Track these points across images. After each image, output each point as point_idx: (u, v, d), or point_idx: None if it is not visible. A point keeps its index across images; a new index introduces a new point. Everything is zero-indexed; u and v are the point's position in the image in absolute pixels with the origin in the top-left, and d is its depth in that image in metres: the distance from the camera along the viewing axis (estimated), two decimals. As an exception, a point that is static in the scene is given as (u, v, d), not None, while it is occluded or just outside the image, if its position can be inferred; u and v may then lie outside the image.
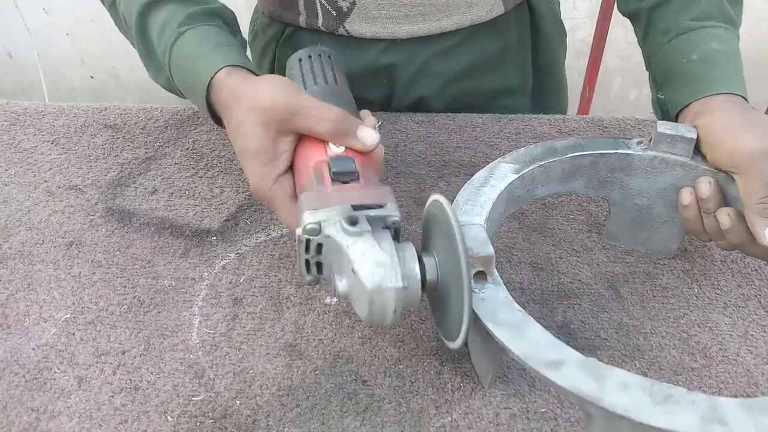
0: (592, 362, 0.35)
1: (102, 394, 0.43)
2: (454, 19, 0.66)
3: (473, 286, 0.38)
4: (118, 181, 0.60)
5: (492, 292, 0.39)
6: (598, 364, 0.35)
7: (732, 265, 0.53)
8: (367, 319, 0.37)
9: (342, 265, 0.38)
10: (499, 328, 0.37)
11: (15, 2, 1.76)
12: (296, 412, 0.42)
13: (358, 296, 0.37)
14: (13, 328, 0.47)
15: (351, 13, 0.65)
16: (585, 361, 0.35)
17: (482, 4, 0.66)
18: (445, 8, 0.65)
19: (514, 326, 0.37)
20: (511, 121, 0.68)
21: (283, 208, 0.45)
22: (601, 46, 1.52)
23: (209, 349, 0.46)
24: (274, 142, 0.45)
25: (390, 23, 0.66)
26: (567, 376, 0.34)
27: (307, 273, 0.40)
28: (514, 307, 0.38)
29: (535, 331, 0.37)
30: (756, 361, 0.46)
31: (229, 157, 0.63)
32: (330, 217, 0.38)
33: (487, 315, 0.38)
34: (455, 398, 0.43)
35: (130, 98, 1.98)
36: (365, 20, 0.66)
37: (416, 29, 0.66)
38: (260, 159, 0.45)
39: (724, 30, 0.53)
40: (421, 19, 0.66)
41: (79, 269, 0.52)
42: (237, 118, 0.46)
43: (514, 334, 0.37)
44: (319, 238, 0.38)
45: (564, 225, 0.57)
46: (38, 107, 0.69)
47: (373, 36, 0.67)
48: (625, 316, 0.49)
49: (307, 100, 0.45)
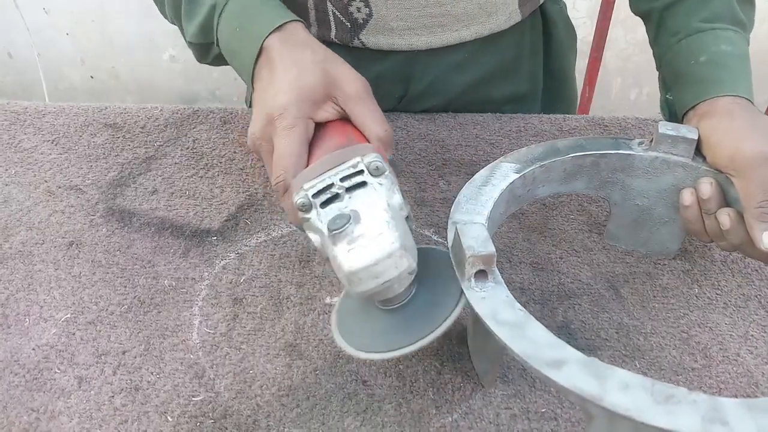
0: (593, 362, 0.35)
1: (102, 394, 0.43)
2: (473, 28, 0.65)
3: (473, 285, 0.39)
4: (119, 181, 0.60)
5: (493, 291, 0.39)
6: (600, 364, 0.35)
7: (732, 266, 0.53)
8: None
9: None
10: (499, 327, 0.37)
11: (15, 2, 1.76)
12: (296, 413, 0.42)
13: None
14: (13, 328, 0.47)
15: (367, 24, 0.64)
16: (586, 360, 0.35)
17: (501, 12, 0.65)
18: (465, 18, 0.64)
19: (515, 325, 0.37)
20: (511, 120, 0.68)
21: (294, 151, 0.43)
22: (601, 46, 1.52)
23: (209, 349, 0.46)
24: (324, 94, 0.44)
25: (408, 34, 0.64)
26: (568, 376, 0.34)
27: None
28: (516, 307, 0.38)
29: (536, 331, 0.37)
30: (756, 361, 0.46)
31: (229, 157, 0.63)
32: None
33: (488, 314, 0.38)
34: (455, 398, 0.43)
35: (130, 98, 1.98)
36: (382, 32, 0.64)
37: (435, 40, 0.65)
38: (304, 91, 0.43)
39: (734, 33, 0.53)
40: (440, 29, 0.64)
41: (79, 269, 0.51)
42: (305, 54, 0.45)
43: (515, 333, 0.37)
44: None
45: (564, 225, 0.57)
46: (38, 107, 0.69)
47: (390, 48, 0.65)
48: (626, 316, 0.49)
49: (373, 99, 0.45)
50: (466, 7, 0.63)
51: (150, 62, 1.93)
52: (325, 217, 0.38)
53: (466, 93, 0.70)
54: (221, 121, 0.67)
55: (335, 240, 0.37)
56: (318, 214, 0.38)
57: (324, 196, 0.39)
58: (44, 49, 1.88)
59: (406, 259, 0.36)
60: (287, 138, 0.42)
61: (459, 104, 0.70)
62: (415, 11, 0.63)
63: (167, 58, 1.92)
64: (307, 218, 0.39)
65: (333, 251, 0.37)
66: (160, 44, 1.90)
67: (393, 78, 0.68)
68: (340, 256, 0.36)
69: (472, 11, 0.64)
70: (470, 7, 0.63)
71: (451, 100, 0.70)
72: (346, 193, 0.38)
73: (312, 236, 0.39)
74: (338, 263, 0.36)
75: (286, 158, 0.42)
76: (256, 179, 0.60)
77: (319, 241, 0.39)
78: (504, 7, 0.65)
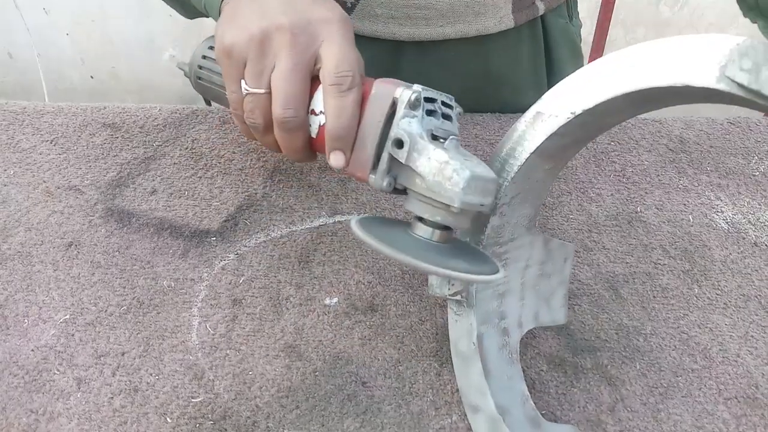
0: (498, 422, 0.38)
1: (101, 395, 0.43)
2: (458, 27, 0.65)
3: (452, 306, 0.42)
4: (117, 182, 0.60)
5: (465, 316, 0.42)
6: (503, 427, 0.38)
7: (732, 266, 0.53)
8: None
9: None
10: (456, 357, 0.42)
11: (15, 2, 1.76)
12: (296, 414, 0.42)
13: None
14: (12, 329, 0.47)
15: (354, 9, 0.64)
16: (495, 418, 0.39)
17: (490, 15, 0.65)
18: (450, 14, 0.64)
19: (465, 359, 0.41)
20: (511, 119, 0.68)
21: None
22: (601, 46, 1.52)
23: (209, 351, 0.46)
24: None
25: (391, 23, 0.65)
26: (477, 422, 0.39)
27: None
28: (471, 340, 0.41)
29: (474, 373, 0.40)
30: (756, 362, 0.46)
31: (228, 157, 0.63)
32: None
33: (453, 340, 0.43)
34: (455, 400, 0.43)
35: (129, 98, 1.98)
36: (367, 17, 0.65)
37: (418, 32, 0.65)
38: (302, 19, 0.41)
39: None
40: (423, 23, 0.65)
41: (78, 270, 0.51)
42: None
43: (461, 364, 0.42)
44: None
45: (564, 225, 0.57)
46: (36, 107, 0.69)
47: (373, 34, 0.65)
48: (625, 316, 0.49)
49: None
50: (453, 4, 0.63)
51: (150, 62, 1.93)
52: (426, 124, 0.38)
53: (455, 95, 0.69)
54: (220, 121, 0.67)
55: (447, 148, 0.37)
56: (422, 117, 0.38)
57: (429, 106, 0.39)
58: (44, 49, 1.88)
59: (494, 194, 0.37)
60: (340, 43, 0.41)
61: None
62: (400, 0, 0.63)
63: (167, 58, 1.92)
64: (413, 115, 0.38)
65: (446, 155, 0.36)
66: (160, 44, 1.90)
67: (379, 68, 0.68)
68: (459, 163, 0.35)
69: (458, 9, 0.64)
70: (456, 4, 0.63)
71: None
72: (441, 116, 0.39)
73: (406, 136, 0.37)
74: (457, 167, 0.35)
75: (298, 96, 0.41)
76: (255, 180, 0.60)
77: (411, 145, 0.37)
78: (494, 9, 0.65)
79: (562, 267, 0.46)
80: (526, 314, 0.44)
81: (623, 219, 0.57)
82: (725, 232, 0.56)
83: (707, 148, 0.65)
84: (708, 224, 0.57)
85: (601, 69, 0.36)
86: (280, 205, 0.57)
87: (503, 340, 0.42)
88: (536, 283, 0.44)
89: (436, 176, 0.36)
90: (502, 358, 0.41)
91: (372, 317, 0.48)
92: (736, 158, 0.63)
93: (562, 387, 0.44)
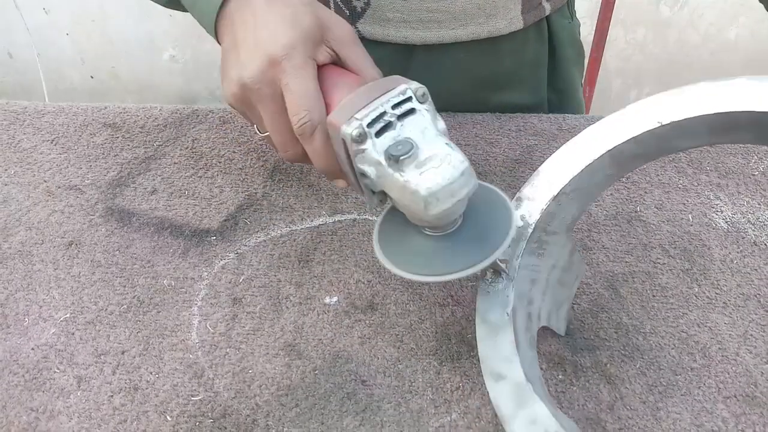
0: (527, 389, 0.37)
1: (101, 393, 0.43)
2: (470, 29, 0.64)
3: (488, 277, 0.41)
4: (118, 181, 0.60)
5: (502, 289, 0.41)
6: (529, 393, 0.37)
7: (731, 265, 0.53)
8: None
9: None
10: (481, 324, 0.40)
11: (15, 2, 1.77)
12: (295, 412, 0.42)
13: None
14: (12, 328, 0.47)
15: (365, 13, 0.64)
16: (522, 384, 0.37)
17: (501, 16, 0.65)
18: (462, 17, 0.64)
19: (495, 328, 0.40)
20: (511, 119, 0.68)
21: (309, 87, 0.41)
22: (601, 46, 1.52)
23: (208, 349, 0.46)
24: (320, 37, 0.43)
25: (404, 27, 0.64)
26: (499, 391, 0.38)
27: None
28: (506, 309, 0.40)
29: (504, 342, 0.39)
30: (755, 360, 0.46)
31: (228, 157, 0.63)
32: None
33: (481, 310, 0.40)
34: (454, 398, 0.43)
35: (130, 98, 1.99)
36: (378, 22, 0.64)
37: (430, 36, 0.64)
38: (305, 31, 0.42)
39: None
40: (435, 26, 0.64)
41: (78, 269, 0.52)
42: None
43: (489, 333, 0.40)
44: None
45: (563, 225, 0.57)
46: (37, 106, 0.69)
47: (385, 39, 0.65)
48: (625, 315, 0.49)
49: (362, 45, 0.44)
50: (465, 6, 0.63)
51: (150, 62, 1.93)
52: (380, 147, 0.38)
53: (462, 96, 0.70)
54: (220, 120, 0.67)
55: (401, 167, 0.37)
56: (374, 144, 0.38)
57: (378, 125, 0.38)
58: (44, 49, 1.89)
59: (474, 177, 0.37)
60: (302, 77, 0.41)
61: (455, 109, 0.70)
62: (413, 4, 0.63)
63: (167, 58, 1.92)
64: (363, 149, 0.38)
65: (401, 178, 0.36)
66: (160, 44, 1.90)
67: (389, 71, 0.68)
68: (413, 180, 0.36)
69: (471, 11, 0.63)
70: (469, 7, 0.63)
71: (446, 102, 0.70)
72: (398, 121, 0.38)
73: (367, 168, 0.38)
74: (412, 188, 0.36)
75: (309, 98, 0.41)
76: (255, 179, 0.60)
77: (374, 173, 0.38)
78: (504, 11, 0.65)
79: (573, 283, 0.47)
80: (544, 310, 0.44)
81: (623, 218, 0.57)
82: (725, 231, 0.56)
83: (707, 148, 0.65)
84: (707, 224, 0.57)
85: (704, 90, 0.37)
86: (280, 205, 0.57)
87: (528, 323, 0.42)
88: (555, 287, 0.45)
89: (402, 199, 0.37)
90: (526, 339, 0.41)
91: (371, 316, 0.48)
92: (736, 158, 0.63)
93: (561, 385, 0.44)
